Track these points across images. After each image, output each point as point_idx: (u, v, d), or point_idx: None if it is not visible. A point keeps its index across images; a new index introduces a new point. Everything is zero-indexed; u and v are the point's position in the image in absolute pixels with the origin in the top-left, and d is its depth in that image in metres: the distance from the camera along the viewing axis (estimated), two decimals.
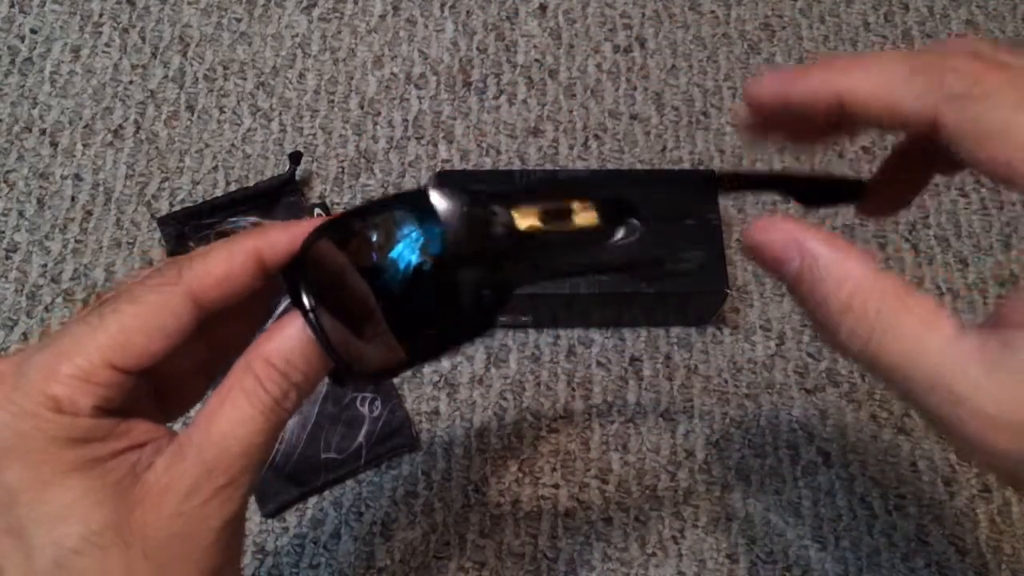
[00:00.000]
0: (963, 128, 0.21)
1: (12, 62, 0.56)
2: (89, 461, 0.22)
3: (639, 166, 0.54)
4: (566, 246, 0.26)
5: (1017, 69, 0.21)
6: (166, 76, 0.56)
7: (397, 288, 0.24)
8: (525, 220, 0.25)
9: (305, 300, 0.23)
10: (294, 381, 0.23)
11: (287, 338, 0.23)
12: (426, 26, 0.58)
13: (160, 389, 0.26)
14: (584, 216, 0.26)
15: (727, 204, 0.52)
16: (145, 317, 0.23)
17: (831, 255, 0.22)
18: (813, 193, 0.30)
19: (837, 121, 0.24)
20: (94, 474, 0.22)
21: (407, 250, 0.24)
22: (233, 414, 0.23)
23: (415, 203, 0.24)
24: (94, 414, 0.22)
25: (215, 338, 0.26)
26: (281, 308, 0.30)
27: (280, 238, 0.24)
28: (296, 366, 0.23)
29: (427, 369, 0.49)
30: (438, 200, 0.24)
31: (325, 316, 0.23)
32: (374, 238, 0.24)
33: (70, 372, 0.22)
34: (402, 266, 0.24)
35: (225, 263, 0.24)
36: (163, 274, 0.24)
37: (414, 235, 0.24)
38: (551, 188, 0.26)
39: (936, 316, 0.20)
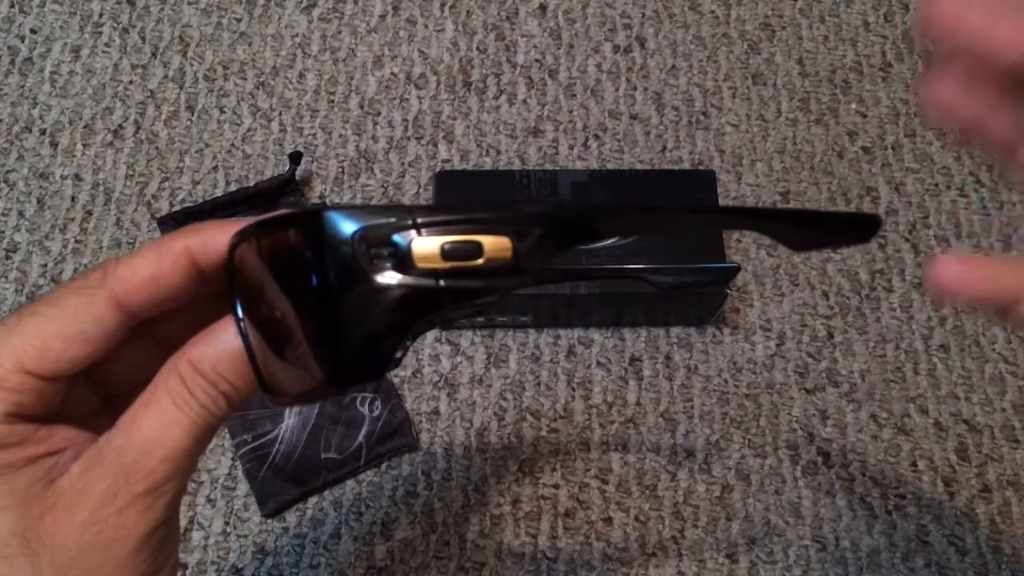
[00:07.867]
0: None
1: (12, 62, 0.56)
2: None
3: (639, 166, 0.54)
4: (469, 286, 0.22)
5: None
6: (166, 76, 0.56)
7: (306, 310, 0.22)
8: (424, 254, 0.21)
9: (238, 307, 0.22)
10: (222, 390, 0.22)
11: (216, 344, 0.22)
12: (426, 26, 0.58)
13: (113, 398, 0.25)
14: (495, 251, 0.22)
15: (726, 203, 0.52)
16: (64, 321, 0.22)
17: None
18: (813, 232, 0.24)
19: None
20: (0, 480, 0.21)
21: (302, 275, 0.21)
22: (158, 417, 0.21)
23: (310, 225, 0.21)
24: (5, 420, 0.21)
25: (171, 343, 0.24)
26: None
27: (216, 238, 0.22)
28: (224, 376, 0.22)
29: (427, 369, 0.49)
30: (330, 224, 0.21)
31: (254, 327, 0.22)
32: (284, 253, 0.22)
33: None
34: (306, 288, 0.22)
35: (152, 264, 0.22)
36: (87, 277, 0.22)
37: (309, 259, 0.21)
38: (471, 212, 0.22)
39: None
